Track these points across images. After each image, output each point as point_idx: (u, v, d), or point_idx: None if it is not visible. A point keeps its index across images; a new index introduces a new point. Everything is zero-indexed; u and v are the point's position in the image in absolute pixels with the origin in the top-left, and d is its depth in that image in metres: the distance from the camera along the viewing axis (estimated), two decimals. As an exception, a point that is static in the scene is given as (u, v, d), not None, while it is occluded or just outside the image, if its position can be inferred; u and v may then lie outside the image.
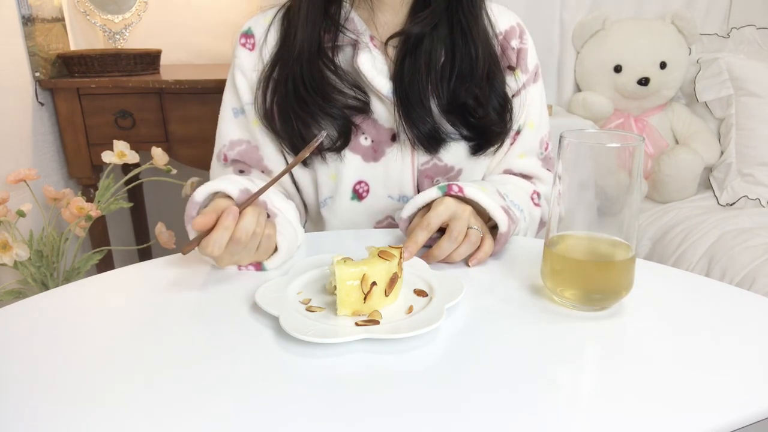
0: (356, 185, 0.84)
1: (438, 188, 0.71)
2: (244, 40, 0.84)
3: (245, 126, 0.85)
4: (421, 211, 0.72)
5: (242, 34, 0.85)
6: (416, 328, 0.51)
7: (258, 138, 0.84)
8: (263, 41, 0.83)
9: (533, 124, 0.88)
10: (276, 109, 0.81)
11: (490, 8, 0.84)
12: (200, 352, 0.51)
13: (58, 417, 0.43)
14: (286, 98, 0.79)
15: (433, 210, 0.69)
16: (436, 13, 0.79)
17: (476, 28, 0.81)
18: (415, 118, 0.79)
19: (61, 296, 0.62)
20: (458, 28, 0.80)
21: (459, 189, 0.70)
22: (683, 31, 1.78)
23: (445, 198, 0.70)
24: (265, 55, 0.83)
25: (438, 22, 0.79)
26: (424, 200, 0.71)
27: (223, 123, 0.86)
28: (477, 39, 0.80)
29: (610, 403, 0.44)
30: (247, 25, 0.85)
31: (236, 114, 0.85)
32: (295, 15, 0.80)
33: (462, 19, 0.80)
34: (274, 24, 0.84)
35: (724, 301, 0.61)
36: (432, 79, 0.79)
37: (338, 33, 0.80)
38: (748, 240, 1.37)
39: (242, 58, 0.84)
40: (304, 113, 0.78)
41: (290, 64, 0.79)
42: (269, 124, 0.82)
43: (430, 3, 0.79)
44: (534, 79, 0.89)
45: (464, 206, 0.70)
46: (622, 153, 0.53)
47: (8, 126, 1.41)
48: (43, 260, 1.28)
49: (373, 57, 0.80)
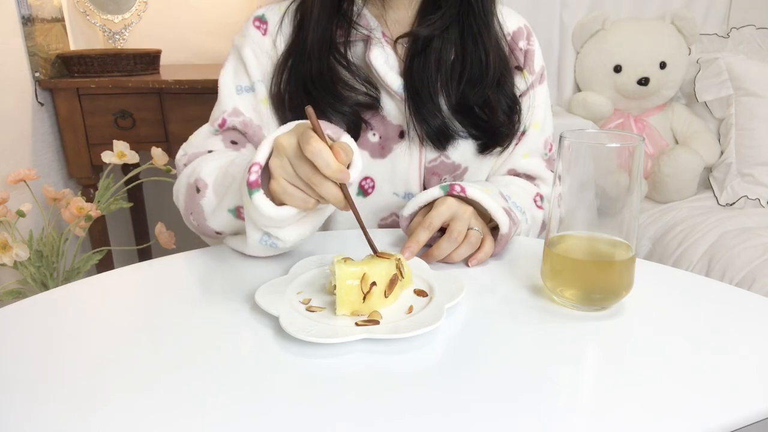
0: (362, 181, 0.84)
1: (440, 188, 0.71)
2: (258, 23, 0.84)
3: (249, 104, 0.83)
4: (423, 210, 0.72)
5: (256, 18, 0.84)
6: (416, 328, 0.51)
7: (263, 117, 0.82)
8: (278, 30, 0.83)
9: (538, 124, 0.89)
10: (288, 98, 0.80)
11: (500, 11, 0.85)
12: (200, 352, 0.51)
13: (58, 417, 0.43)
14: (296, 94, 0.79)
15: (435, 209, 0.69)
16: (447, 18, 0.79)
17: (487, 33, 0.81)
18: (425, 114, 0.79)
19: (61, 296, 0.62)
20: (469, 33, 0.80)
21: (461, 189, 0.70)
22: (683, 31, 1.78)
23: (447, 198, 0.70)
24: (278, 44, 0.82)
25: (449, 26, 0.80)
26: (426, 199, 0.71)
27: (225, 90, 0.83)
28: (488, 44, 0.81)
29: (610, 403, 0.44)
30: (261, 11, 0.85)
31: (240, 91, 0.83)
32: (307, 9, 0.80)
33: (473, 25, 0.80)
34: (288, 15, 0.83)
35: (724, 301, 0.61)
36: (442, 77, 0.80)
37: (350, 29, 0.80)
38: (748, 240, 1.37)
39: (254, 37, 0.83)
40: (314, 110, 0.78)
41: (302, 60, 0.79)
42: (279, 109, 0.81)
43: (440, 5, 0.79)
44: (540, 80, 0.89)
45: (466, 206, 0.70)
46: (622, 153, 0.53)
47: (8, 126, 1.41)
48: (43, 260, 1.28)
49: (386, 53, 0.80)
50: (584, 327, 0.55)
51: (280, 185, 0.57)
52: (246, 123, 0.82)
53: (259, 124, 0.82)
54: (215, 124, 0.82)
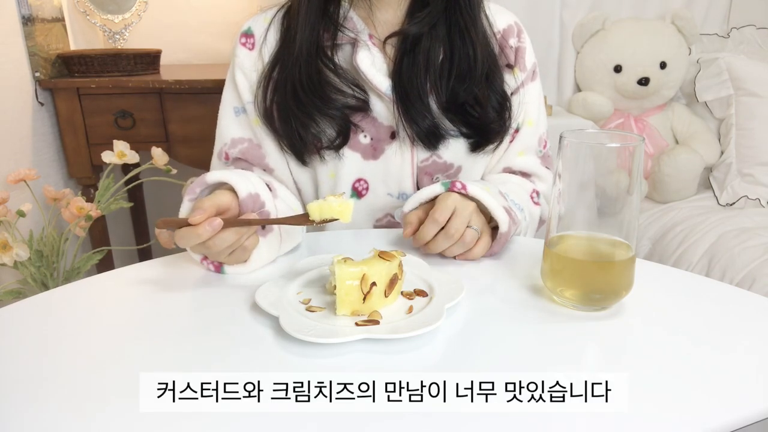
0: (356, 183, 0.84)
1: (441, 184, 0.72)
2: (245, 39, 0.84)
3: (247, 124, 0.85)
4: (423, 207, 0.72)
5: (242, 34, 0.85)
6: (416, 328, 0.51)
7: (260, 136, 0.84)
8: (263, 41, 0.83)
9: (532, 121, 0.89)
10: (275, 108, 0.81)
11: (488, 8, 0.85)
12: (200, 352, 0.51)
13: (57, 417, 0.43)
14: (285, 100, 0.80)
15: (439, 205, 0.69)
16: (434, 14, 0.79)
17: (474, 29, 0.81)
18: (415, 115, 0.79)
19: (61, 296, 0.62)
20: (456, 29, 0.80)
21: (462, 186, 0.71)
22: (683, 31, 1.78)
23: (450, 193, 0.70)
24: (265, 55, 0.83)
25: (436, 23, 0.80)
26: (428, 195, 0.72)
27: (223, 121, 0.86)
28: (476, 40, 0.81)
29: (610, 403, 0.44)
30: (247, 25, 0.85)
31: (237, 113, 0.85)
32: (294, 15, 0.80)
33: (460, 20, 0.80)
34: (273, 24, 0.84)
35: (724, 301, 0.61)
36: (431, 77, 0.80)
37: (337, 32, 0.80)
38: (748, 240, 1.37)
39: (242, 58, 0.84)
40: (303, 115, 0.79)
41: (289, 65, 0.79)
42: (269, 122, 0.82)
43: (428, 3, 0.80)
44: (532, 78, 0.89)
45: (468, 202, 0.70)
46: (622, 153, 0.53)
47: (8, 126, 1.41)
48: (43, 260, 1.28)
49: (372, 55, 0.80)
50: (584, 327, 0.55)
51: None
52: (245, 151, 0.84)
53: (258, 143, 0.84)
54: (221, 158, 0.85)
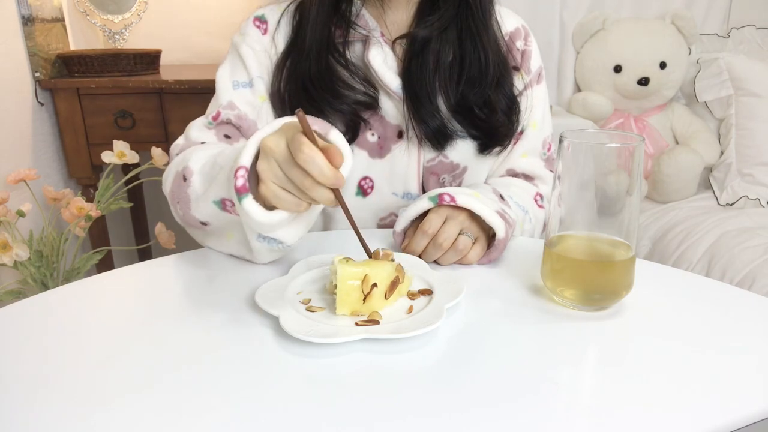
0: (361, 181, 0.84)
1: (429, 199, 0.70)
2: (258, 23, 0.84)
3: (246, 99, 0.82)
4: (415, 224, 0.72)
5: (255, 18, 0.85)
6: (416, 328, 0.51)
7: (261, 113, 0.82)
8: (276, 28, 0.83)
9: (536, 124, 0.89)
10: (287, 97, 0.81)
11: (498, 11, 0.85)
12: (200, 352, 0.51)
13: (58, 417, 0.43)
14: (296, 93, 0.80)
15: (428, 217, 0.69)
16: (445, 19, 0.79)
17: (486, 35, 0.81)
18: (424, 115, 0.79)
19: (61, 296, 0.62)
20: (468, 34, 0.80)
21: (451, 198, 0.69)
22: (683, 31, 1.78)
23: (439, 208, 0.69)
24: (278, 41, 0.83)
25: (447, 27, 0.80)
26: (417, 211, 0.70)
27: (220, 90, 0.83)
28: (487, 45, 0.81)
29: (610, 403, 0.44)
30: (261, 11, 0.85)
31: (236, 86, 0.83)
32: (306, 10, 0.80)
33: (471, 26, 0.80)
34: (286, 14, 0.84)
35: (724, 301, 0.61)
36: (440, 78, 0.80)
37: (349, 29, 0.80)
38: (748, 240, 1.37)
39: (254, 36, 0.83)
40: (313, 109, 0.78)
41: (301, 60, 0.80)
42: (280, 106, 0.81)
43: (438, 6, 0.79)
44: (537, 81, 0.89)
45: (458, 211, 0.69)
46: (622, 153, 0.53)
47: (8, 126, 1.41)
48: (43, 260, 1.28)
49: (384, 53, 0.80)
50: (584, 327, 0.55)
51: (270, 190, 0.55)
52: (241, 117, 0.81)
53: (254, 119, 0.82)
54: (209, 116, 0.81)
